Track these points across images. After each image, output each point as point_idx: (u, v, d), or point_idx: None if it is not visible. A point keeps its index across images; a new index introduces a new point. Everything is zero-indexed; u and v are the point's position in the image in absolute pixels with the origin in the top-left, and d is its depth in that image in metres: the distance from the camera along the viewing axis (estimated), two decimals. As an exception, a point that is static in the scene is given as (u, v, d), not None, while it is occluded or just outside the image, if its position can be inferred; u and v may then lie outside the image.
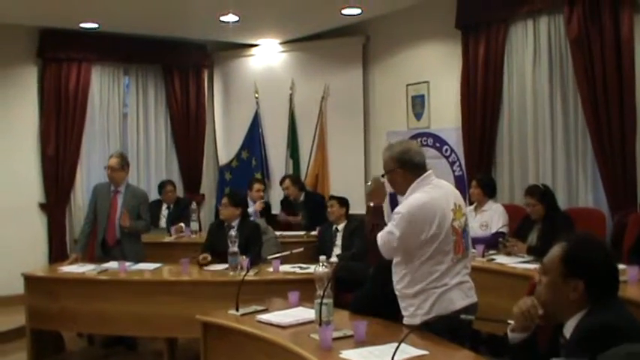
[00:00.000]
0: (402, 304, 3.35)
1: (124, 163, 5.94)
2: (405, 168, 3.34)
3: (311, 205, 7.41)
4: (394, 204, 3.62)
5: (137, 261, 5.70)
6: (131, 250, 5.81)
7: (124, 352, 5.93)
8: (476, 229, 5.63)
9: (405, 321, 3.34)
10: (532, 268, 4.59)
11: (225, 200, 5.65)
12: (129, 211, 5.78)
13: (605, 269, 2.24)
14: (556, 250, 2.30)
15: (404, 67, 7.90)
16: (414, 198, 3.27)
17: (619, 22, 5.51)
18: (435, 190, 3.32)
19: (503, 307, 4.18)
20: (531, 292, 3.50)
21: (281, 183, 7.94)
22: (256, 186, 7.81)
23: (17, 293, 5.68)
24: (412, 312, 3.30)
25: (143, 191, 6.32)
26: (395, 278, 3.39)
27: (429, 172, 3.36)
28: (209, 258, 5.43)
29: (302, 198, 7.62)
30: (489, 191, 6.05)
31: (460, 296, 3.29)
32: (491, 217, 5.83)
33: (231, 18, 7.51)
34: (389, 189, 3.53)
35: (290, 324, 3.51)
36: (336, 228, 6.32)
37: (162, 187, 7.93)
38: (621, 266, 4.04)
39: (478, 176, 6.29)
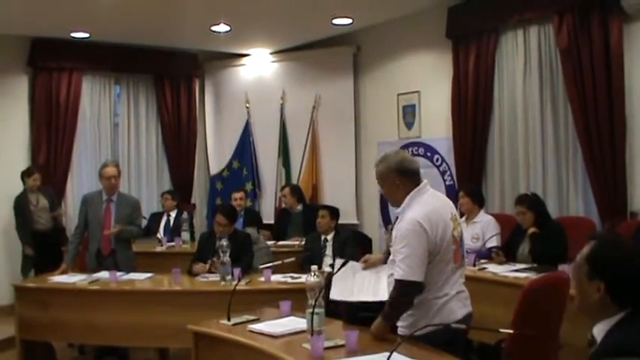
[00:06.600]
0: None
1: (119, 171, 5.95)
2: (404, 177, 3.30)
3: (308, 217, 7.36)
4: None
5: (130, 268, 5.71)
6: (124, 258, 5.82)
7: (116, 362, 5.90)
8: (467, 240, 5.51)
9: (400, 331, 3.26)
10: (523, 277, 4.60)
11: (221, 218, 5.57)
12: (123, 219, 5.77)
13: (630, 272, 2.11)
14: (585, 249, 2.21)
15: (395, 77, 7.92)
16: (417, 210, 3.21)
17: (608, 32, 5.56)
18: (434, 200, 3.32)
19: (495, 316, 4.22)
20: (523, 300, 3.51)
21: (281, 190, 7.97)
22: (235, 195, 7.79)
23: (7, 303, 5.65)
24: (411, 322, 3.22)
25: (135, 198, 6.34)
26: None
27: (424, 181, 3.35)
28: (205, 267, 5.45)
29: (300, 208, 7.61)
30: (479, 200, 5.99)
31: (459, 306, 3.25)
32: (482, 229, 5.75)
33: (222, 28, 7.53)
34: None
35: (282, 334, 3.50)
36: (326, 238, 6.31)
37: (162, 196, 8.14)
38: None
39: (464, 186, 6.28)
